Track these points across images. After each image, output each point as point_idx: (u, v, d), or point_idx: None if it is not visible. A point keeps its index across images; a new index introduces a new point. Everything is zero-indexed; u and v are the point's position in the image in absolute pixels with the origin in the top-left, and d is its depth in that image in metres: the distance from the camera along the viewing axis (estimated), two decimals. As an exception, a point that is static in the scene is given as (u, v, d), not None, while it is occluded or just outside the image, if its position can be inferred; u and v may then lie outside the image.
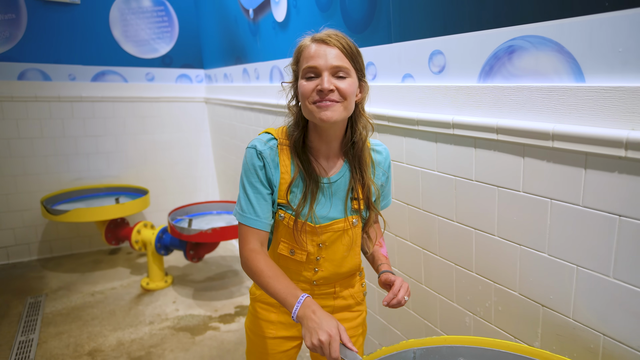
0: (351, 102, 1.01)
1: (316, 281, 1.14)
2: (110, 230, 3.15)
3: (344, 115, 1.01)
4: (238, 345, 2.30)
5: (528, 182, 1.07)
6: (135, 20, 3.54)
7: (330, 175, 1.08)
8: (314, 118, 0.99)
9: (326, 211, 1.08)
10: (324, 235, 1.08)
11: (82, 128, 3.48)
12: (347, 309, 1.21)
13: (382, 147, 1.17)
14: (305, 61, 0.99)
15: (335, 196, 1.09)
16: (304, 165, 1.05)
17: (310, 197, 1.05)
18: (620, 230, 0.89)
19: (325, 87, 0.95)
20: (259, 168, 1.05)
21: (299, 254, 1.10)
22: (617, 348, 0.94)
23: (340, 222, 1.09)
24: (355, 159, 1.08)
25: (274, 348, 1.20)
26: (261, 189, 1.06)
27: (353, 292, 1.21)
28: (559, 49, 0.97)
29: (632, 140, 0.83)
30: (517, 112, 1.07)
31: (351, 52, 1.00)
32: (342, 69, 0.98)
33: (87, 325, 2.50)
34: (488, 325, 1.26)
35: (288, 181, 1.06)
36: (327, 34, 0.99)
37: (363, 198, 1.10)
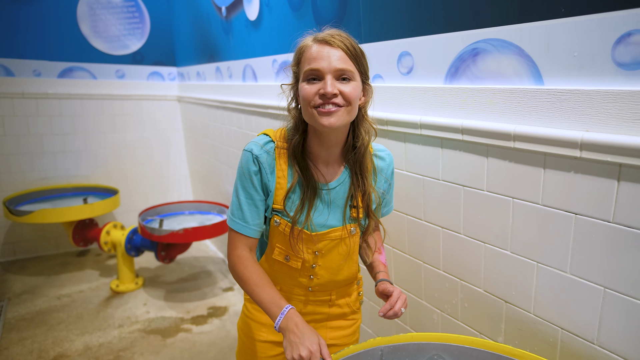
0: (355, 106, 0.96)
1: (312, 287, 1.11)
2: (78, 231, 3.06)
3: (347, 121, 0.96)
4: (210, 347, 2.28)
5: (491, 181, 1.09)
6: (104, 15, 3.45)
7: (330, 182, 1.04)
8: (316, 123, 0.94)
9: (324, 219, 1.04)
10: (321, 243, 1.05)
11: (48, 126, 3.36)
12: (341, 317, 1.19)
13: (386, 152, 1.11)
14: (307, 63, 0.93)
15: (334, 203, 1.04)
16: (302, 171, 1.01)
17: (307, 205, 1.01)
18: (576, 228, 0.92)
19: (328, 91, 0.90)
20: (253, 173, 1.01)
21: (294, 261, 1.07)
22: (574, 341, 0.97)
23: (338, 231, 1.05)
24: (357, 164, 1.03)
25: (264, 352, 1.17)
26: (254, 195, 1.03)
27: (349, 300, 1.18)
28: (520, 52, 1.00)
29: (586, 141, 0.86)
30: (481, 113, 1.09)
31: (355, 53, 0.95)
32: (346, 72, 0.92)
33: (52, 330, 2.42)
34: (455, 322, 1.29)
35: (285, 187, 1.02)
36: (330, 33, 0.94)
37: (363, 206, 1.05)
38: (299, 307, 1.14)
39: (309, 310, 1.15)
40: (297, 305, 1.14)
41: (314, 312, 1.16)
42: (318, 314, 1.16)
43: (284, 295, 1.08)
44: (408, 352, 1.04)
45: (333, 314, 1.17)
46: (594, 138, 0.85)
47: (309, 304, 1.14)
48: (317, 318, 1.17)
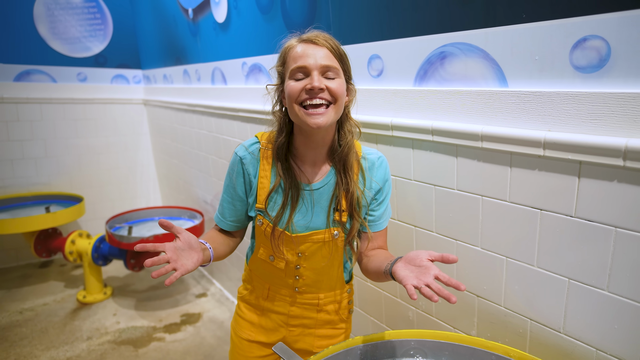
0: (341, 104, 0.98)
1: (298, 288, 1.12)
2: (41, 241, 2.93)
3: (334, 119, 0.97)
4: (185, 355, 2.23)
5: (462, 180, 1.13)
6: (63, 16, 3.31)
7: (313, 183, 1.04)
8: (303, 123, 0.95)
9: (307, 221, 1.04)
10: (303, 245, 1.06)
11: (4, 132, 3.19)
12: (329, 324, 1.19)
13: (376, 156, 1.09)
14: (293, 62, 0.95)
15: (318, 205, 1.04)
16: (285, 172, 1.02)
17: (290, 206, 1.02)
18: (542, 223, 0.97)
19: (315, 85, 0.92)
20: (236, 174, 1.07)
21: (278, 261, 1.09)
22: (542, 331, 1.02)
23: (321, 233, 1.05)
24: (340, 163, 1.03)
25: (252, 351, 1.20)
26: (233, 195, 1.09)
27: (338, 308, 1.18)
28: (485, 56, 1.04)
29: (549, 140, 0.91)
30: (450, 114, 1.13)
31: (340, 53, 0.98)
32: (332, 69, 0.95)
33: (14, 347, 2.31)
34: (430, 318, 1.33)
35: (267, 187, 1.04)
36: (314, 34, 0.97)
37: (347, 207, 1.04)
38: (286, 308, 1.15)
39: (297, 314, 1.16)
40: (284, 307, 1.16)
41: (302, 315, 1.16)
42: (306, 318, 1.17)
43: (272, 295, 1.15)
44: (386, 350, 1.06)
45: (321, 319, 1.17)
46: (556, 137, 0.89)
47: (296, 306, 1.15)
48: (306, 323, 1.18)
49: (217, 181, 2.60)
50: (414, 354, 1.06)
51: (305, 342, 1.19)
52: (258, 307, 1.19)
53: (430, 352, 1.05)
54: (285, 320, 1.18)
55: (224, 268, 2.82)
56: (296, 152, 1.04)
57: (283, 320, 1.18)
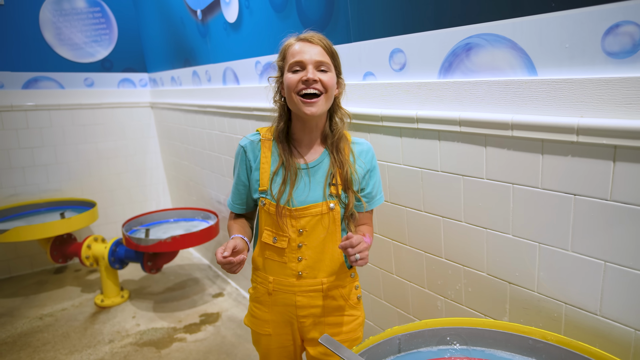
0: (331, 94, 1.14)
1: (302, 272, 1.18)
2: (56, 247, 2.94)
3: (326, 108, 1.14)
4: (207, 355, 2.25)
5: (491, 169, 1.15)
6: (69, 22, 3.32)
7: (310, 162, 1.19)
8: (299, 111, 1.11)
9: (304, 196, 1.16)
10: (303, 219, 1.16)
11: (15, 139, 3.20)
12: (339, 311, 1.22)
13: (363, 141, 1.25)
14: (291, 57, 1.12)
15: (314, 181, 1.17)
16: (284, 152, 1.17)
17: (289, 182, 1.16)
18: (575, 208, 0.99)
19: (310, 77, 1.08)
20: (239, 161, 1.23)
21: (281, 241, 1.17)
22: (578, 314, 1.04)
23: (318, 206, 1.16)
24: (333, 146, 1.18)
25: (272, 344, 1.27)
26: (238, 181, 1.24)
27: (344, 292, 1.22)
28: (513, 46, 1.05)
29: (582, 126, 0.92)
30: (478, 105, 1.14)
31: (331, 51, 1.14)
32: (324, 64, 1.11)
33: (38, 352, 2.32)
34: (459, 306, 1.34)
35: (269, 171, 1.18)
36: (310, 34, 1.13)
37: (341, 183, 1.17)
38: (292, 299, 1.21)
39: (303, 303, 1.21)
40: (290, 298, 1.21)
41: (309, 305, 1.21)
42: (314, 307, 1.21)
43: (277, 288, 1.22)
44: (424, 339, 1.08)
45: (329, 307, 1.21)
46: (589, 123, 0.91)
47: (301, 295, 1.20)
48: (314, 312, 1.22)
49: (231, 181, 2.61)
50: (451, 340, 1.08)
51: (317, 332, 1.23)
52: (265, 303, 1.25)
53: (467, 338, 1.07)
54: (293, 311, 1.22)
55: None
56: (294, 136, 1.20)
57: (292, 312, 1.22)
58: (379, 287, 1.65)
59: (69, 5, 3.30)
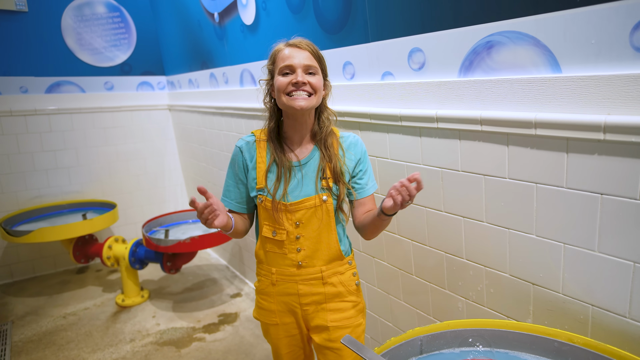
0: (319, 95, 1.21)
1: (301, 262, 1.25)
2: (79, 248, 3.01)
3: (314, 104, 1.20)
4: (226, 355, 2.27)
5: (513, 168, 1.13)
6: (89, 27, 3.39)
7: (301, 159, 1.24)
8: (289, 108, 1.17)
9: (298, 190, 1.23)
10: (298, 213, 1.22)
11: (38, 143, 3.29)
12: (338, 297, 1.28)
13: (350, 135, 1.30)
14: (281, 61, 1.18)
15: (306, 177, 1.23)
16: (277, 151, 1.23)
17: (283, 179, 1.22)
18: (602, 207, 0.96)
19: (299, 79, 1.15)
20: (237, 161, 1.28)
21: (280, 234, 1.24)
22: (605, 316, 1.01)
23: (312, 199, 1.22)
24: (322, 142, 1.24)
25: (280, 333, 1.32)
26: (236, 179, 1.29)
27: (343, 279, 1.28)
28: (536, 43, 1.03)
29: (609, 124, 0.90)
30: (499, 103, 1.13)
31: (318, 55, 1.21)
32: (312, 68, 1.18)
33: (62, 350, 2.38)
34: (481, 307, 1.33)
35: (264, 169, 1.24)
36: (298, 40, 1.20)
37: (331, 176, 1.23)
38: (295, 288, 1.27)
39: (305, 292, 1.27)
40: (292, 287, 1.28)
41: (311, 292, 1.26)
42: (315, 294, 1.27)
43: (279, 278, 1.28)
44: (446, 340, 1.07)
45: (329, 293, 1.27)
46: (617, 120, 0.89)
47: (302, 283, 1.26)
48: (316, 299, 1.27)
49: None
50: (473, 342, 1.07)
51: (319, 318, 1.28)
52: (270, 294, 1.31)
53: (490, 340, 1.06)
54: (296, 300, 1.28)
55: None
56: (285, 135, 1.26)
57: (295, 300, 1.28)
58: (398, 287, 1.64)
59: (89, 11, 3.37)
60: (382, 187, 1.58)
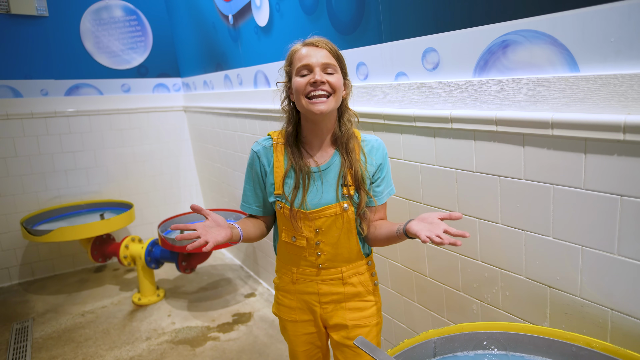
0: (339, 95, 1.15)
1: (322, 264, 1.24)
2: (97, 247, 3.06)
3: (334, 107, 1.15)
4: (240, 354, 2.29)
5: (529, 169, 1.11)
6: (107, 30, 3.46)
7: (321, 164, 1.20)
8: (308, 112, 1.13)
9: (318, 198, 1.19)
10: (318, 220, 1.19)
11: (58, 144, 3.37)
12: (357, 296, 1.27)
13: (372, 138, 1.25)
14: (298, 61, 1.14)
15: (327, 183, 1.19)
16: (295, 157, 1.19)
17: (302, 186, 1.18)
18: (622, 209, 0.94)
19: (317, 78, 1.10)
20: (252, 166, 1.26)
21: (300, 240, 1.22)
22: (625, 321, 0.99)
23: (332, 208, 1.18)
24: (343, 146, 1.19)
25: (298, 330, 1.32)
26: (254, 184, 1.27)
27: (362, 279, 1.27)
28: (553, 42, 1.01)
29: (629, 123, 0.88)
30: (515, 104, 1.11)
31: (337, 54, 1.16)
32: (331, 66, 1.13)
33: (81, 347, 2.43)
34: (496, 310, 1.31)
35: (282, 175, 1.20)
36: (315, 39, 1.16)
37: (353, 183, 1.18)
38: (315, 287, 1.26)
39: (325, 291, 1.26)
40: (312, 286, 1.26)
41: (330, 292, 1.26)
42: (335, 294, 1.26)
43: (300, 277, 1.27)
44: (460, 343, 1.06)
45: (349, 293, 1.26)
46: (638, 120, 0.87)
47: (322, 283, 1.25)
48: (335, 298, 1.27)
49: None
50: (488, 344, 1.05)
51: (338, 317, 1.27)
52: (290, 291, 1.30)
53: (506, 344, 1.04)
54: (316, 299, 1.27)
55: (270, 268, 2.87)
56: (304, 139, 1.21)
57: (315, 299, 1.28)
58: (412, 289, 1.63)
59: (107, 15, 3.44)
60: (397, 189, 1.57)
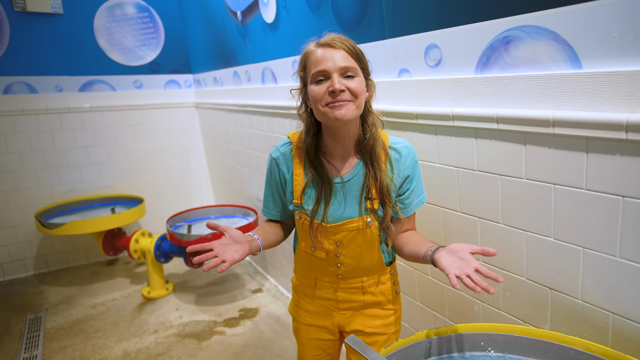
0: (361, 100, 1.04)
1: (341, 275, 1.19)
2: (108, 240, 3.12)
3: (356, 113, 1.04)
4: (245, 349, 2.30)
5: (530, 169, 1.09)
6: (120, 27, 3.51)
7: (344, 175, 1.11)
8: (328, 119, 1.02)
9: (341, 212, 1.11)
10: (339, 234, 1.12)
11: (72, 139, 3.43)
12: (378, 305, 1.23)
13: (403, 145, 1.13)
14: (313, 66, 1.02)
15: (350, 195, 1.10)
16: (316, 169, 1.10)
17: (324, 199, 1.10)
18: (624, 210, 0.91)
19: (336, 87, 0.98)
20: (273, 173, 1.18)
21: (319, 252, 1.16)
22: (627, 325, 0.96)
23: (355, 222, 1.10)
24: (367, 154, 1.09)
25: (311, 334, 1.29)
26: (273, 190, 1.21)
27: (383, 289, 1.22)
28: (555, 38, 0.99)
29: (632, 122, 0.85)
30: (517, 101, 1.09)
31: (356, 52, 1.03)
32: (350, 69, 1.01)
33: (90, 338, 2.48)
34: (497, 311, 1.29)
35: (301, 184, 1.12)
36: (331, 38, 1.03)
37: (377, 197, 1.08)
38: (333, 295, 1.22)
39: (343, 298, 1.22)
40: (331, 293, 1.22)
41: (349, 299, 1.22)
42: (354, 301, 1.22)
43: (319, 283, 1.22)
44: (456, 344, 1.05)
45: (369, 301, 1.22)
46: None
47: (341, 291, 1.21)
48: (354, 306, 1.23)
49: (270, 179, 2.66)
50: (485, 346, 1.04)
51: (357, 323, 1.23)
52: (308, 295, 1.27)
53: (503, 345, 1.02)
54: (334, 305, 1.23)
55: (278, 264, 2.88)
56: (325, 148, 1.12)
57: (333, 305, 1.24)
58: (414, 288, 1.62)
59: (120, 12, 3.48)
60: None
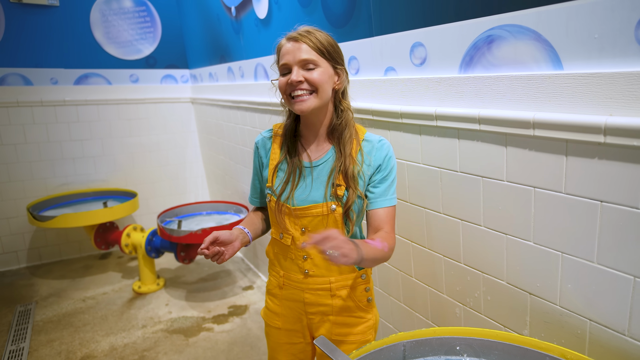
0: (323, 90, 1.08)
1: (308, 270, 1.17)
2: (100, 234, 3.12)
3: (317, 104, 1.09)
4: (232, 346, 2.30)
5: (511, 171, 1.07)
6: (116, 21, 3.49)
7: (313, 160, 1.16)
8: (293, 110, 1.11)
9: (306, 194, 1.14)
10: (305, 219, 1.14)
11: (67, 132, 3.43)
12: (347, 311, 1.20)
13: (376, 139, 1.15)
14: (281, 59, 1.10)
15: (317, 180, 1.14)
16: (289, 151, 1.17)
17: (291, 180, 1.15)
18: (602, 216, 0.89)
19: (293, 79, 1.06)
20: (254, 157, 1.26)
21: (286, 237, 1.18)
22: (604, 333, 0.94)
23: (319, 207, 1.12)
24: (339, 141, 1.14)
25: (281, 338, 1.27)
26: (254, 175, 1.29)
27: (353, 294, 1.19)
28: (537, 37, 0.97)
29: (610, 126, 0.83)
30: (498, 102, 1.07)
31: (320, 45, 1.08)
32: (310, 62, 1.07)
33: (78, 332, 2.48)
34: (478, 315, 1.27)
35: (274, 166, 1.19)
36: (298, 31, 1.09)
37: (344, 183, 1.11)
38: (301, 296, 1.20)
39: (311, 301, 1.20)
40: (298, 294, 1.21)
41: (317, 302, 1.20)
42: (322, 305, 1.20)
43: (286, 283, 1.22)
44: (431, 347, 1.03)
45: (337, 306, 1.19)
46: (619, 122, 0.82)
47: (309, 292, 1.19)
48: (322, 310, 1.20)
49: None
50: (461, 350, 1.02)
51: (324, 329, 1.21)
52: (277, 296, 1.26)
53: (479, 350, 1.00)
54: (302, 307, 1.22)
55: (269, 261, 2.87)
56: (301, 133, 1.19)
57: (300, 307, 1.22)
58: (398, 289, 1.60)
59: (117, 5, 3.47)
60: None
